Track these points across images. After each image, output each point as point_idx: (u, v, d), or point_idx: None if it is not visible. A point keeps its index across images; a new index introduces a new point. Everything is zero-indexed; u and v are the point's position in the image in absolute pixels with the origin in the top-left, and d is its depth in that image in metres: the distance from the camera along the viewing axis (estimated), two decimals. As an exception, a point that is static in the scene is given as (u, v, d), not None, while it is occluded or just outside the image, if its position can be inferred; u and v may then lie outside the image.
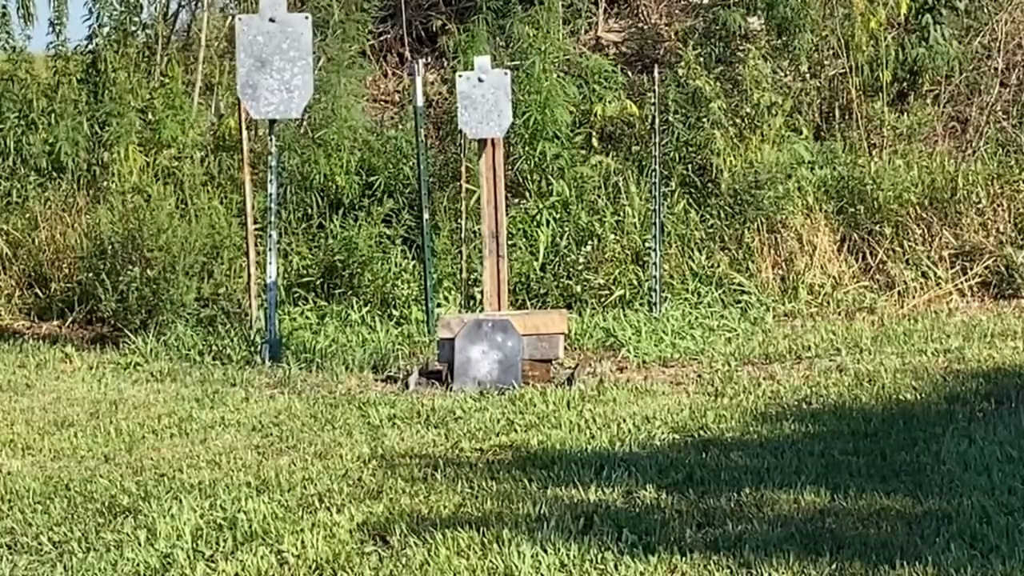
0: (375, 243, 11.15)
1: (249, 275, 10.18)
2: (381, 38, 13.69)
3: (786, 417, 7.23)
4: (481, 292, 9.73)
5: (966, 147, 11.82)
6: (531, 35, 12.08)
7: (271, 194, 9.61)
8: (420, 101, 10.29)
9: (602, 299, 10.70)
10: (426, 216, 10.33)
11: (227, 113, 12.72)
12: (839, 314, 10.37)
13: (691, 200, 11.43)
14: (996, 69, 12.29)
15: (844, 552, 4.97)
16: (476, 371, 8.50)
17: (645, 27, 13.49)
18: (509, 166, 11.17)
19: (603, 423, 7.22)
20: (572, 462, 6.37)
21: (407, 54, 13.44)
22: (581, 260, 10.93)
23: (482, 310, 9.52)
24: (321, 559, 5.19)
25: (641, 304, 10.57)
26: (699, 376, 8.56)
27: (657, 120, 10.76)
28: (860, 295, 10.65)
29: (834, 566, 4.85)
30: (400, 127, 12.33)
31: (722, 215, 11.27)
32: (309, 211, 11.80)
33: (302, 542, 5.36)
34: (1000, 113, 12.16)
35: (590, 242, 11.07)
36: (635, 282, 10.77)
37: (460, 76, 9.77)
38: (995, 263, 10.80)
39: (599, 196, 11.46)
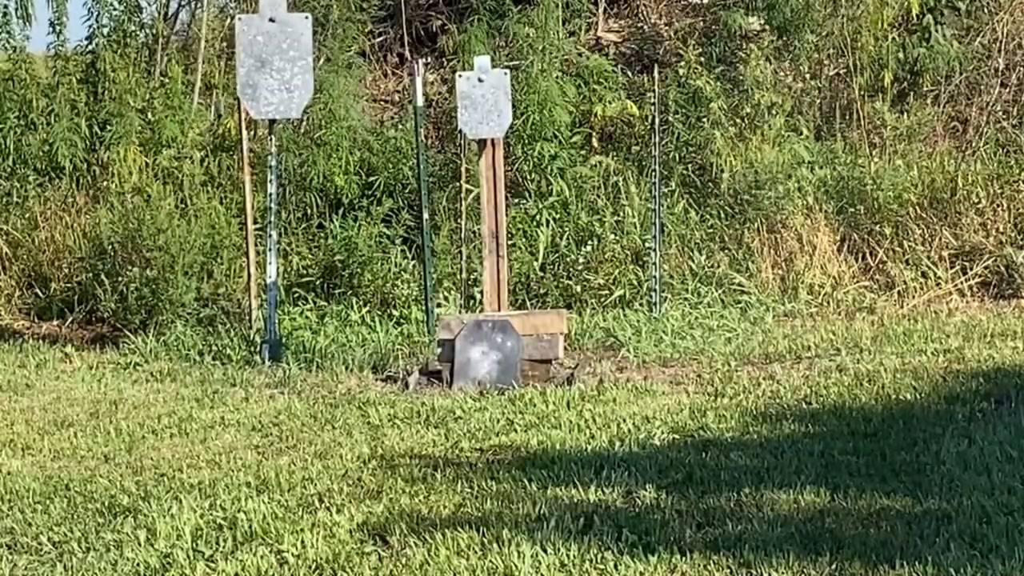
0: (375, 243, 11.15)
1: (249, 275, 10.18)
2: (381, 38, 13.69)
3: (786, 417, 7.22)
4: (481, 292, 9.73)
5: (966, 147, 11.82)
6: (530, 35, 12.07)
7: (271, 194, 9.61)
8: (420, 101, 10.28)
9: (602, 299, 10.70)
10: (426, 216, 10.33)
11: (227, 113, 12.72)
12: (839, 314, 10.36)
13: (691, 200, 11.43)
14: (996, 69, 12.29)
15: (844, 552, 4.97)
16: (476, 371, 8.50)
17: (645, 27, 13.49)
18: (509, 166, 11.16)
19: (603, 423, 7.22)
20: (572, 462, 6.37)
21: (407, 54, 13.44)
22: (581, 260, 10.93)
23: (482, 310, 9.52)
24: (321, 559, 5.19)
25: (641, 304, 10.57)
26: (699, 376, 8.56)
27: (657, 120, 10.76)
28: (860, 295, 10.65)
29: (834, 566, 4.84)
30: (400, 127, 12.33)
31: (722, 215, 11.27)
32: (309, 211, 11.80)
33: (302, 542, 5.35)
34: (1000, 113, 12.16)
35: (590, 242, 11.07)
36: (635, 282, 10.77)
37: (460, 76, 9.76)
38: (995, 263, 10.80)
39: (599, 196, 11.46)
